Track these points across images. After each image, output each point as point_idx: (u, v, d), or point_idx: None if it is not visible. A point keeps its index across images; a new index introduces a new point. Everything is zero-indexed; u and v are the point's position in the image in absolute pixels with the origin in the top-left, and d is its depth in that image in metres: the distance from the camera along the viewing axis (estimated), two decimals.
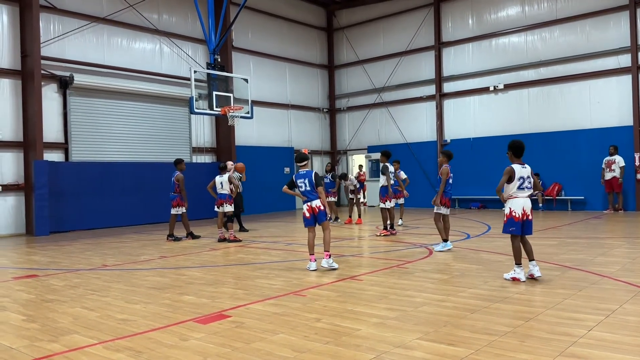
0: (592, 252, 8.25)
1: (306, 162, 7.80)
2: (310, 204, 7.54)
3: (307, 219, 7.55)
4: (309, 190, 7.56)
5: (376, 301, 5.50)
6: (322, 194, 7.64)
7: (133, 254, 9.83)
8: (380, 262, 8.01)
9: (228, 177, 11.35)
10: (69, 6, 15.12)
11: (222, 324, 4.76)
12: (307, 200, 7.57)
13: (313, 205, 7.53)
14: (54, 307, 5.69)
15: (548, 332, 4.20)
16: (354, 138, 22.76)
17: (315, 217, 7.55)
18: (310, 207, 7.54)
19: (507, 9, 18.21)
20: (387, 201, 11.24)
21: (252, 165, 19.15)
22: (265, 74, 20.44)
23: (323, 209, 7.59)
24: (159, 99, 17.00)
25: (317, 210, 7.52)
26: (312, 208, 7.53)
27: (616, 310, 4.78)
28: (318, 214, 7.54)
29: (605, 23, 16.24)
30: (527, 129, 17.67)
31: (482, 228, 12.27)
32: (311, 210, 7.53)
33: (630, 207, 15.59)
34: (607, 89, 16.20)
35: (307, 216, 7.55)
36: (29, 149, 14.04)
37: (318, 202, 7.55)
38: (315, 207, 7.52)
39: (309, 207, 7.55)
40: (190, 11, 17.67)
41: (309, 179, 7.60)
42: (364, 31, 22.17)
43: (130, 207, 15.78)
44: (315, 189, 7.56)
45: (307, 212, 7.54)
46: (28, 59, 13.98)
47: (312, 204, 7.53)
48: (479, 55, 18.94)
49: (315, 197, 7.55)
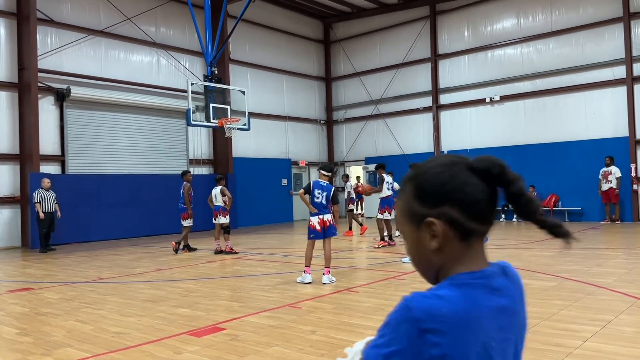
0: (589, 262, 8.24)
1: (331, 173, 7.75)
2: (322, 217, 7.41)
3: (317, 231, 7.40)
4: (323, 204, 7.46)
5: (372, 313, 5.47)
6: (336, 213, 7.60)
7: (129, 266, 9.78)
8: (377, 274, 7.99)
9: (221, 189, 11.32)
10: (67, 19, 15.19)
11: (216, 337, 4.73)
12: (319, 213, 7.43)
13: (325, 219, 7.42)
14: (48, 320, 5.65)
15: (544, 344, 4.18)
16: (351, 149, 22.80)
17: (324, 231, 7.44)
18: (322, 220, 7.40)
19: (503, 21, 18.36)
20: (386, 212, 11.21)
21: (250, 176, 19.20)
22: (263, 86, 20.51)
23: (334, 224, 7.56)
24: (156, 111, 17.03)
25: (327, 223, 7.44)
26: (324, 221, 7.41)
27: (612, 321, 4.76)
28: (328, 228, 7.44)
29: (600, 35, 16.37)
30: (523, 140, 17.73)
31: None
32: (322, 224, 7.40)
33: (627, 218, 15.60)
34: (603, 101, 16.29)
35: (317, 229, 7.39)
36: (25, 161, 14.02)
37: (329, 217, 7.49)
38: (327, 221, 7.43)
39: (320, 220, 7.40)
40: (188, 24, 17.76)
41: (328, 193, 7.49)
42: (361, 43, 22.30)
43: (127, 220, 15.73)
44: (329, 205, 7.50)
45: (318, 225, 7.39)
46: (25, 71, 14.02)
47: (323, 217, 7.42)
48: (475, 67, 19.05)
49: (327, 212, 7.49)
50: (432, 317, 0.97)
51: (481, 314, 1.00)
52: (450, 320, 0.97)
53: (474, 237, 1.08)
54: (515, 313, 1.08)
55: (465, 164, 1.10)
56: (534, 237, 12.42)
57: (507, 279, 1.10)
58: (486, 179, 1.10)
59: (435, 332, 0.95)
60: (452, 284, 1.04)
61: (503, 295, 1.06)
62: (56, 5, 15.00)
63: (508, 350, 1.05)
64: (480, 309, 1.00)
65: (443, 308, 0.98)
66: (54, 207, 12.75)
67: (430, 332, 0.95)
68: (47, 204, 12.59)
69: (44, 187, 12.69)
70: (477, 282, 1.04)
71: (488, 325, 1.00)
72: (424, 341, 0.95)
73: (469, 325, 0.98)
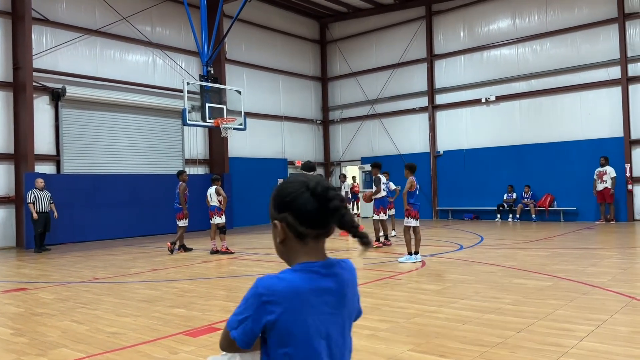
0: (584, 262, 8.27)
1: (314, 172, 7.73)
2: None
3: None
4: None
5: (368, 313, 5.47)
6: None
7: (124, 266, 9.76)
8: (372, 274, 8.00)
9: (215, 189, 11.28)
10: (62, 18, 15.13)
11: (212, 337, 4.72)
12: None
13: None
14: (42, 320, 5.63)
15: (539, 343, 4.19)
16: (347, 149, 22.81)
17: None
18: None
19: (498, 21, 18.40)
20: (382, 213, 11.22)
21: (245, 176, 19.18)
22: (259, 86, 20.49)
23: None
24: (151, 111, 16.98)
25: None
26: None
27: (607, 321, 4.78)
28: None
29: (595, 36, 16.43)
30: (518, 141, 17.78)
31: (475, 239, 12.28)
32: None
33: (622, 218, 15.67)
34: (598, 101, 16.35)
35: None
36: (20, 161, 13.96)
37: None
38: None
39: None
40: (184, 24, 17.73)
41: None
42: (357, 44, 22.31)
43: (122, 220, 15.68)
44: None
45: None
46: (20, 71, 13.96)
47: None
48: (471, 67, 19.09)
49: None
50: (271, 292, 1.38)
51: (308, 292, 1.39)
52: (283, 294, 1.37)
53: (309, 238, 1.46)
54: (343, 295, 1.47)
55: (306, 184, 1.46)
56: (529, 237, 12.47)
57: (339, 269, 1.49)
58: (314, 195, 1.43)
59: (272, 303, 1.37)
60: (291, 270, 1.45)
61: (331, 280, 1.45)
62: (51, 5, 14.94)
63: (333, 322, 1.44)
64: (308, 288, 1.40)
65: (279, 286, 1.39)
66: (48, 207, 12.70)
67: (269, 303, 1.37)
68: (41, 204, 12.54)
69: (37, 187, 12.64)
70: (310, 269, 1.43)
71: (314, 301, 1.40)
72: (264, 309, 1.37)
73: (297, 299, 1.38)
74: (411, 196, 8.88)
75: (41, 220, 12.46)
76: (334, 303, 1.44)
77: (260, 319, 1.38)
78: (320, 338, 1.41)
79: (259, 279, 1.42)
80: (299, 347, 1.38)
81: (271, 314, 1.37)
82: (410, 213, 8.85)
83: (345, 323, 1.49)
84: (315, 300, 1.40)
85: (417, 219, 8.92)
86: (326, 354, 1.42)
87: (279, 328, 1.37)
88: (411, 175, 9.01)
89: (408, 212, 8.86)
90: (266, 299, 1.37)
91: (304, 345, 1.38)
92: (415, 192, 8.94)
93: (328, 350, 1.43)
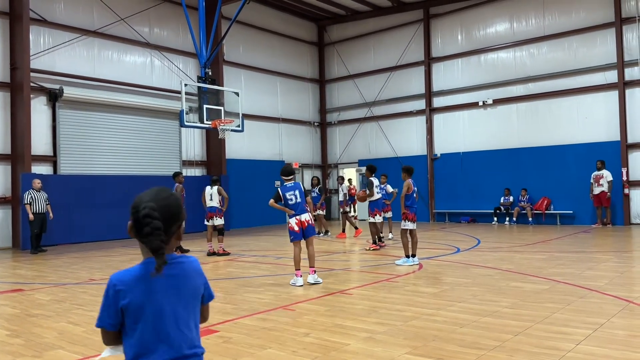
0: (581, 266, 8.28)
1: (293, 176, 7.73)
2: (300, 217, 7.41)
3: (296, 232, 7.40)
4: (299, 202, 7.45)
5: (365, 315, 5.47)
6: (310, 204, 7.63)
7: (121, 267, 9.66)
8: (370, 276, 7.99)
9: (218, 189, 11.23)
10: (60, 19, 15.11)
11: (209, 339, 4.71)
12: (296, 214, 7.43)
13: (302, 219, 7.42)
14: (39, 322, 5.61)
15: (536, 347, 4.19)
16: (344, 152, 22.81)
17: (303, 232, 7.46)
18: (300, 221, 7.40)
19: (496, 25, 18.45)
20: (377, 215, 11.23)
21: (243, 178, 19.16)
22: (257, 88, 20.49)
23: (312, 224, 7.52)
24: (149, 112, 16.96)
25: (305, 224, 7.43)
26: (302, 222, 7.40)
27: (604, 324, 4.79)
28: (307, 228, 7.44)
29: (592, 40, 16.49)
30: (515, 144, 17.82)
31: (472, 242, 12.30)
32: (300, 224, 7.40)
33: (618, 222, 15.71)
34: (595, 105, 16.40)
35: (295, 230, 7.39)
36: (17, 161, 13.92)
37: (307, 216, 7.47)
38: (304, 221, 7.42)
39: (298, 221, 7.39)
40: (182, 25, 17.72)
41: (300, 190, 7.51)
42: (355, 46, 22.33)
43: (119, 221, 15.58)
44: (305, 201, 7.52)
45: (296, 225, 7.38)
46: (17, 71, 13.92)
47: (301, 218, 7.41)
48: (468, 70, 19.13)
49: (304, 211, 7.48)
50: (121, 282, 1.81)
51: (150, 279, 1.79)
52: (130, 283, 1.80)
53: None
54: (183, 283, 1.88)
55: (138, 206, 1.86)
56: (526, 240, 12.49)
57: (179, 261, 1.91)
58: (136, 220, 1.84)
59: (122, 291, 1.79)
60: (140, 263, 1.87)
61: (172, 270, 1.85)
62: (49, 5, 14.92)
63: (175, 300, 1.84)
64: (149, 276, 1.79)
65: (127, 277, 1.82)
66: (45, 208, 12.66)
67: (120, 291, 1.79)
68: (38, 205, 12.50)
69: (34, 187, 12.60)
70: (152, 262, 1.80)
71: (155, 287, 1.80)
72: (117, 296, 1.79)
73: (142, 285, 1.80)
74: (407, 199, 8.88)
75: (37, 221, 12.41)
76: (175, 285, 1.85)
77: (117, 304, 1.78)
78: (165, 312, 1.81)
79: (113, 274, 1.86)
80: (148, 321, 1.78)
81: (124, 299, 1.78)
82: (407, 216, 8.85)
83: (188, 301, 1.88)
84: (156, 287, 1.80)
85: (414, 222, 8.92)
86: (171, 325, 1.82)
87: (131, 309, 1.78)
88: (408, 177, 9.02)
89: (405, 215, 8.86)
90: (118, 288, 1.79)
91: (152, 320, 1.78)
92: (412, 194, 8.94)
93: (173, 321, 1.82)
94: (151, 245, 1.79)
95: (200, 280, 1.94)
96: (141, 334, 1.78)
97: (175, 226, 1.90)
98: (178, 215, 1.91)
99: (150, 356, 1.78)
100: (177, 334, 1.83)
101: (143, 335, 1.78)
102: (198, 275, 1.94)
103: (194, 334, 1.90)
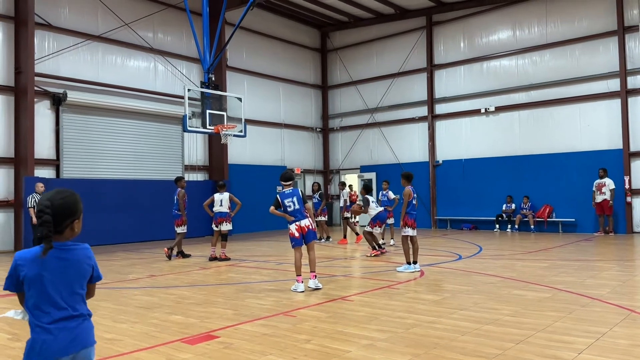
0: (583, 274, 8.26)
1: (292, 181, 7.73)
2: (299, 223, 7.40)
3: (296, 239, 7.40)
4: (297, 209, 7.44)
5: (366, 322, 5.46)
6: (310, 211, 7.61)
7: (122, 272, 9.73)
8: (371, 283, 7.98)
9: (229, 196, 11.26)
10: (64, 24, 15.18)
11: (210, 345, 4.71)
12: (296, 220, 7.42)
13: (302, 225, 7.41)
14: None
15: (538, 355, 4.18)
16: (346, 158, 22.83)
17: (304, 237, 7.46)
18: (300, 227, 7.39)
19: (498, 32, 18.49)
20: (377, 227, 11.18)
21: (245, 183, 19.16)
22: (259, 93, 20.54)
23: (313, 229, 7.51)
24: (152, 117, 17.01)
25: (305, 229, 7.42)
26: (301, 227, 7.40)
27: (606, 333, 4.78)
28: (307, 234, 7.43)
29: (594, 48, 16.51)
30: (518, 151, 17.82)
31: (473, 249, 12.28)
32: (300, 230, 7.39)
33: (620, 230, 15.67)
34: (597, 113, 16.40)
35: (295, 236, 7.39)
36: (20, 165, 13.96)
37: (307, 222, 7.46)
38: (304, 227, 7.42)
39: (297, 227, 7.38)
40: (186, 30, 17.80)
41: (298, 196, 7.50)
42: (358, 52, 22.40)
43: (121, 225, 15.65)
44: (304, 207, 7.51)
45: (296, 231, 7.38)
46: (22, 75, 13.99)
47: (300, 224, 7.41)
48: (471, 77, 19.16)
49: (304, 217, 7.47)
50: (21, 259, 2.29)
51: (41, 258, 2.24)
52: (27, 259, 2.28)
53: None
54: (71, 265, 2.34)
55: (45, 199, 2.33)
56: (528, 248, 12.46)
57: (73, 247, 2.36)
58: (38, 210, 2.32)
59: (21, 265, 2.28)
60: (39, 246, 2.26)
61: (63, 254, 2.32)
62: (54, 10, 15.00)
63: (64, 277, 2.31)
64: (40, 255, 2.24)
65: (27, 255, 2.29)
66: None
67: (20, 266, 2.28)
68: None
69: (38, 191, 12.62)
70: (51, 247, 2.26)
71: (47, 265, 2.27)
72: (17, 270, 2.29)
73: (35, 262, 2.26)
74: (407, 205, 8.88)
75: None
76: (63, 266, 2.31)
77: (18, 275, 2.29)
78: (52, 284, 2.28)
79: (17, 252, 2.34)
80: (38, 291, 2.27)
81: (22, 272, 2.28)
82: (407, 222, 8.84)
83: (75, 278, 2.35)
84: (48, 265, 2.27)
85: (414, 228, 8.91)
86: (57, 294, 2.29)
87: (27, 281, 2.27)
88: (408, 184, 9.02)
89: (405, 222, 8.85)
90: (19, 263, 2.29)
91: (41, 290, 2.27)
92: (412, 201, 8.94)
93: (59, 292, 2.30)
94: (40, 234, 2.23)
95: (88, 263, 2.41)
96: (35, 299, 2.28)
97: (70, 220, 2.33)
98: (74, 211, 2.34)
99: (44, 316, 2.28)
100: (62, 301, 2.30)
101: (36, 300, 2.28)
102: (87, 259, 2.40)
103: (79, 302, 2.36)
